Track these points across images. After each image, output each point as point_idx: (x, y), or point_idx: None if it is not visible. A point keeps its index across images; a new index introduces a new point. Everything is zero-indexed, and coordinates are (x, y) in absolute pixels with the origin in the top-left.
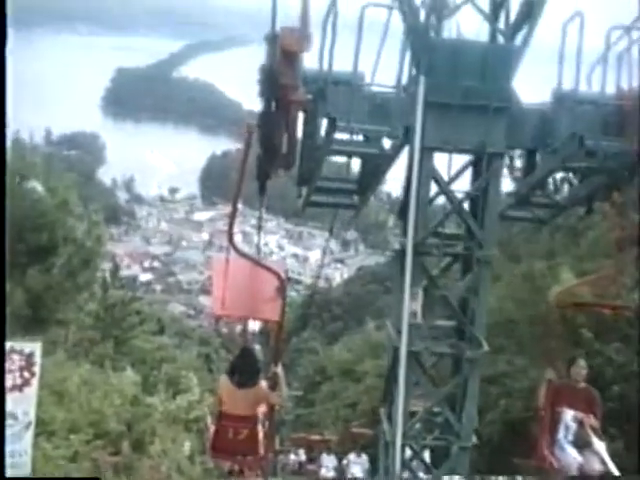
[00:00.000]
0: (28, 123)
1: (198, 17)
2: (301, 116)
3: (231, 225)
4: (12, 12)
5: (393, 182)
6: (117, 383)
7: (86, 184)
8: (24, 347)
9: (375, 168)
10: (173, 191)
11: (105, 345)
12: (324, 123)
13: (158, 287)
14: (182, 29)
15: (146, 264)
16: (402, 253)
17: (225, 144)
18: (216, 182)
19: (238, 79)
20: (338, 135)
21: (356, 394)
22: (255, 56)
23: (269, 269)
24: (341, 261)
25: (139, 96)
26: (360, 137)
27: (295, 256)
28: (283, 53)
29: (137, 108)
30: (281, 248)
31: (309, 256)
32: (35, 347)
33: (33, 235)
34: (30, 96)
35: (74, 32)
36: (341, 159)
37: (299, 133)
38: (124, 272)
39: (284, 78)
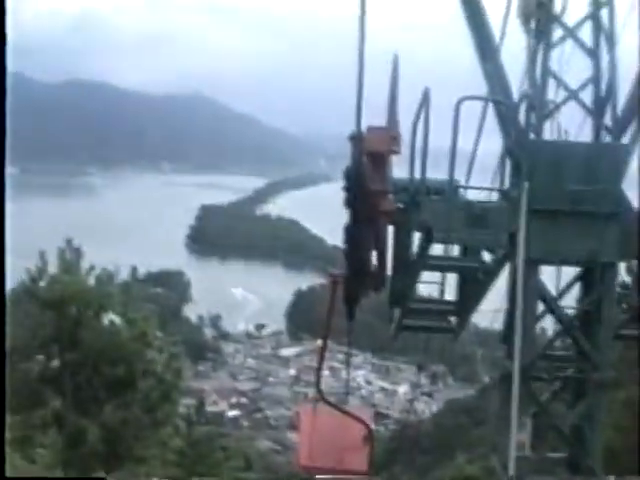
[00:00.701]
0: (114, 261)
1: (280, 155)
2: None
3: (319, 376)
4: (99, 153)
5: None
6: None
7: (172, 321)
8: None
9: (474, 285)
10: (259, 327)
11: None
12: (416, 235)
13: (245, 423)
14: (265, 166)
15: (233, 400)
16: (507, 378)
17: (310, 280)
18: (302, 318)
19: (320, 215)
20: (433, 249)
21: None
22: (336, 192)
23: (357, 418)
24: (429, 395)
25: (224, 233)
26: (456, 251)
27: (383, 390)
28: (370, 156)
29: (222, 245)
30: (368, 382)
31: (397, 390)
32: None
33: (111, 369)
34: (116, 234)
35: (159, 171)
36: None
37: (389, 248)
38: (211, 408)
39: (372, 183)
